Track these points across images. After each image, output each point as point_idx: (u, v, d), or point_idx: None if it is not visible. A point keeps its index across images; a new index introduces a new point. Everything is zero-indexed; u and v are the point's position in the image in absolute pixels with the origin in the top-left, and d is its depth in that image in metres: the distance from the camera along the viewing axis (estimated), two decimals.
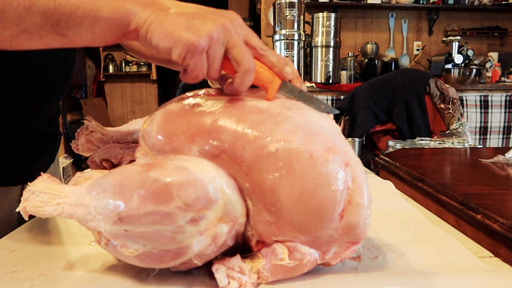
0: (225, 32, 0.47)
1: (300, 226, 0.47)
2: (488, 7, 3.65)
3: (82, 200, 0.47)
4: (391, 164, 1.23)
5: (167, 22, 0.45)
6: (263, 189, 0.46)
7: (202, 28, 0.45)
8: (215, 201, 0.45)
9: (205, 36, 0.45)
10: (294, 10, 2.99)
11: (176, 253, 0.46)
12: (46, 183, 0.50)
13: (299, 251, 0.48)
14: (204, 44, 0.45)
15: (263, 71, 0.51)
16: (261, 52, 0.51)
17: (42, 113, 0.78)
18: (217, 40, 0.46)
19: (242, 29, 0.49)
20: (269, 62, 0.51)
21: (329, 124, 0.51)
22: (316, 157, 0.46)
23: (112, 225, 0.45)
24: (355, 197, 0.47)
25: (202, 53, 0.46)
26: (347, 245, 0.49)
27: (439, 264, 0.55)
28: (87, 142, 0.58)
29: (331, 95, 2.80)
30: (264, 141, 0.46)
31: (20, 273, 0.52)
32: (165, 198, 0.43)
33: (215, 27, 0.46)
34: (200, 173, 0.45)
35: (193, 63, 0.46)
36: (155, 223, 0.44)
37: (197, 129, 0.48)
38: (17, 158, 0.76)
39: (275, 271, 0.48)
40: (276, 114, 0.48)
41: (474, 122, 2.81)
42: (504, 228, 0.68)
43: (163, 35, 0.45)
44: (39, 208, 0.48)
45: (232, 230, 0.48)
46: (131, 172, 0.46)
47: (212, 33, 0.45)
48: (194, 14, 0.47)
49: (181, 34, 0.45)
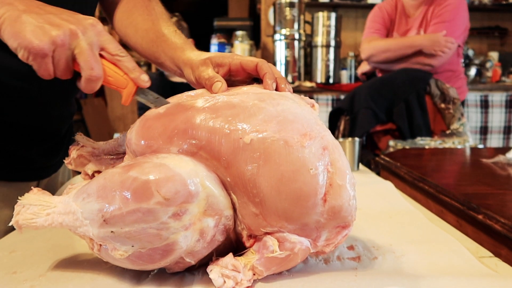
0: (71, 38, 0.49)
1: (285, 214, 0.47)
2: (488, 7, 3.64)
3: (69, 208, 0.48)
4: (392, 164, 1.23)
5: (17, 23, 0.48)
6: (244, 181, 0.47)
7: (46, 33, 0.48)
8: (195, 194, 0.45)
9: (48, 41, 0.48)
10: (294, 10, 2.99)
11: (164, 251, 0.46)
12: (36, 196, 0.51)
13: (289, 241, 0.48)
14: (46, 48, 0.48)
15: (118, 76, 0.54)
16: (118, 58, 0.53)
17: (57, 109, 0.79)
18: (62, 45, 0.49)
19: (98, 36, 0.52)
20: (125, 68, 0.54)
21: (305, 111, 0.51)
22: (291, 144, 0.46)
23: (98, 228, 0.46)
24: (336, 180, 0.47)
25: (44, 57, 0.48)
26: (337, 230, 0.49)
27: (439, 265, 0.55)
28: (79, 157, 0.60)
29: (331, 95, 2.80)
30: (238, 134, 0.47)
31: (20, 273, 0.52)
32: (145, 195, 0.44)
33: (60, 32, 0.48)
34: (178, 168, 0.46)
35: (36, 64, 0.49)
36: (138, 221, 0.44)
37: (173, 130, 0.49)
38: (34, 155, 0.78)
39: (268, 264, 0.48)
40: (249, 106, 0.49)
41: (475, 122, 2.81)
42: (506, 229, 0.68)
43: (10, 34, 0.48)
44: (30, 220, 0.49)
45: (219, 224, 0.48)
46: (112, 174, 0.47)
47: (55, 38, 0.48)
48: (46, 18, 0.49)
49: (24, 36, 0.47)
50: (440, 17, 1.95)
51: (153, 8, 0.75)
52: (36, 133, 0.77)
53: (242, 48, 3.23)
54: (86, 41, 0.50)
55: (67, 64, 0.51)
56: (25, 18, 0.48)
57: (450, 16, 1.94)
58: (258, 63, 0.58)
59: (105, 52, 0.53)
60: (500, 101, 2.84)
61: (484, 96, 2.83)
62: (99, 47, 0.52)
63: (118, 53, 0.53)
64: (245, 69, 0.59)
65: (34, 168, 0.80)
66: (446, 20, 1.93)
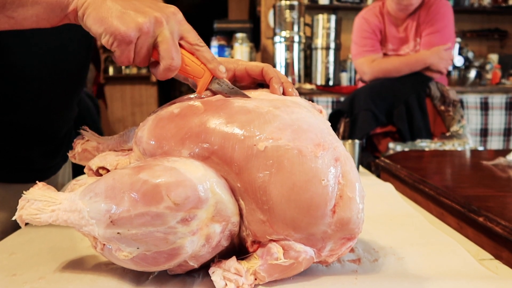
0: (156, 26, 0.49)
1: (293, 223, 0.47)
2: (488, 9, 3.65)
3: (75, 206, 0.47)
4: (392, 166, 1.23)
5: (102, 8, 0.48)
6: (254, 188, 0.46)
7: (133, 19, 0.48)
8: (205, 200, 0.45)
9: (134, 28, 0.47)
10: (294, 12, 2.99)
11: (170, 254, 0.46)
12: (41, 191, 0.51)
13: (294, 250, 0.48)
14: (132, 35, 0.48)
15: (195, 65, 0.54)
16: (197, 48, 0.54)
17: (57, 112, 0.79)
18: (146, 33, 0.48)
19: (179, 24, 0.52)
20: (203, 58, 0.54)
21: (318, 121, 0.51)
22: (305, 154, 0.46)
23: (105, 228, 0.45)
24: (347, 192, 0.47)
25: (129, 44, 0.48)
26: (342, 241, 0.49)
27: (439, 267, 0.55)
28: (84, 151, 0.60)
29: (331, 97, 2.80)
30: (253, 140, 0.47)
31: (20, 276, 0.52)
32: (155, 199, 0.44)
33: (147, 20, 0.48)
34: (189, 173, 0.45)
35: (119, 51, 0.49)
36: (146, 224, 0.44)
37: (186, 133, 0.49)
38: (35, 156, 0.78)
39: (271, 271, 0.48)
40: (264, 113, 0.49)
41: (475, 124, 2.81)
42: (507, 231, 0.67)
43: (96, 20, 0.48)
44: (35, 215, 0.49)
45: (226, 230, 0.48)
46: (122, 175, 0.46)
47: (142, 25, 0.48)
48: (130, 4, 0.49)
49: (111, 22, 0.47)
50: (433, 26, 1.95)
51: None
52: (36, 134, 0.77)
53: (242, 50, 3.23)
54: (169, 29, 0.50)
55: (148, 51, 0.51)
56: (110, 4, 0.48)
57: (443, 23, 1.95)
58: (263, 68, 0.58)
59: (184, 41, 0.53)
60: (500, 103, 2.84)
61: (484, 98, 2.83)
62: (179, 36, 0.52)
63: (197, 42, 0.54)
64: (250, 75, 0.59)
65: (33, 169, 0.80)
66: (440, 29, 1.94)
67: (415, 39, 2.01)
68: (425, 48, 1.96)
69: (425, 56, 1.95)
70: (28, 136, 0.76)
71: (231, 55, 3.35)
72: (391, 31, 2.05)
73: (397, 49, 2.05)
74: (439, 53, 1.92)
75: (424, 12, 1.97)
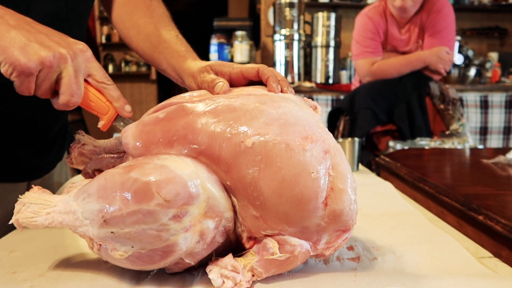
0: (60, 61, 0.50)
1: (286, 217, 0.47)
2: (488, 7, 3.65)
3: (70, 208, 0.48)
4: (392, 164, 1.23)
5: (5, 37, 0.48)
6: (245, 185, 0.47)
7: (36, 52, 0.48)
8: (196, 196, 0.45)
9: (36, 61, 0.48)
10: (294, 10, 2.99)
11: (164, 252, 0.46)
12: (37, 194, 0.51)
13: (289, 243, 0.48)
14: (33, 68, 0.48)
15: (100, 102, 0.56)
16: (103, 86, 0.56)
17: (46, 110, 0.78)
18: (49, 67, 0.49)
19: (87, 62, 0.53)
20: (110, 96, 0.56)
21: (306, 114, 0.51)
22: (292, 147, 0.46)
23: (98, 228, 0.46)
24: (338, 184, 0.47)
25: (29, 75, 0.49)
26: (337, 233, 0.49)
27: (438, 265, 0.55)
28: (80, 155, 0.60)
29: (331, 95, 2.80)
30: (240, 137, 0.47)
31: (20, 273, 0.52)
32: (146, 196, 0.44)
33: (50, 54, 0.48)
34: (179, 170, 0.46)
35: (18, 81, 0.49)
36: (139, 222, 0.44)
37: (173, 135, 0.49)
38: (23, 155, 0.78)
39: (268, 266, 0.48)
40: (250, 109, 0.49)
41: (474, 122, 2.81)
42: (506, 229, 0.67)
43: None
44: (31, 219, 0.49)
45: (220, 226, 0.48)
46: (113, 175, 0.47)
47: (44, 59, 0.48)
48: (37, 37, 0.49)
49: (12, 52, 0.47)
50: (434, 27, 1.94)
51: (154, 9, 0.75)
52: (25, 131, 0.76)
53: (241, 48, 3.23)
54: (73, 66, 0.51)
55: (51, 85, 0.51)
56: (14, 34, 0.48)
57: (444, 24, 1.94)
58: (259, 69, 0.58)
59: (92, 78, 0.55)
60: (500, 101, 2.84)
61: (483, 96, 2.82)
62: (86, 74, 0.54)
63: (104, 81, 0.55)
64: (246, 77, 0.59)
65: (24, 169, 0.79)
66: (441, 29, 1.94)
67: (417, 41, 2.01)
68: (426, 49, 1.96)
69: (424, 55, 1.95)
70: (16, 134, 0.75)
71: (231, 53, 3.35)
72: (394, 32, 2.04)
73: (399, 51, 2.05)
74: (439, 53, 1.92)
75: (425, 14, 1.96)
